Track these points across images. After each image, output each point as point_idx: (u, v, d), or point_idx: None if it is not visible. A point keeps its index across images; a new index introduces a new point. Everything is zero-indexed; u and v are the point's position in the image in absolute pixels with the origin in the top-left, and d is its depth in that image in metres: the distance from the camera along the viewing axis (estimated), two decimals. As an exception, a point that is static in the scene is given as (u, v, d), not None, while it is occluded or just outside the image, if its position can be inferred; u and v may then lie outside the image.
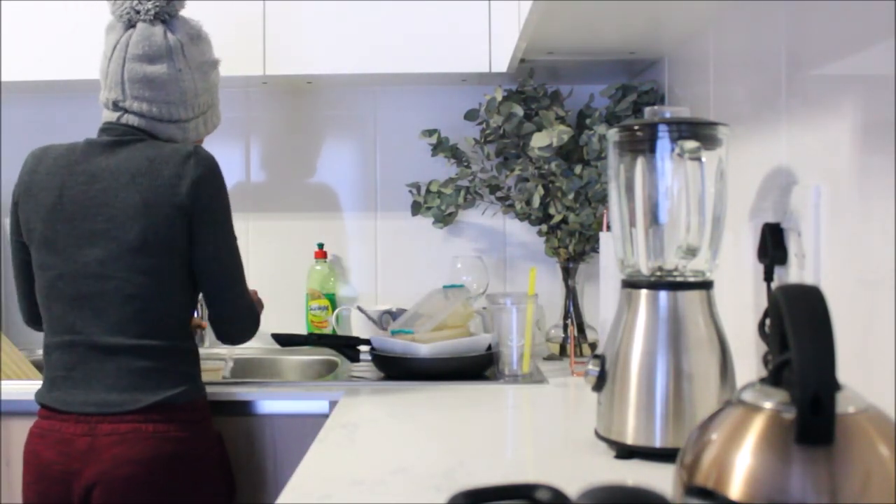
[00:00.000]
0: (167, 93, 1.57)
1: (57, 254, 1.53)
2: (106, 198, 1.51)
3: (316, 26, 2.02)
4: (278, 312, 2.24)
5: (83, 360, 1.50)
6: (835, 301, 0.72)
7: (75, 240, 1.51)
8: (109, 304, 1.50)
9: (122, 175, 1.51)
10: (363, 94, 2.31)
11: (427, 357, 1.76)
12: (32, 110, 2.30)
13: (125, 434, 1.45)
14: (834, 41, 1.07)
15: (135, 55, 1.56)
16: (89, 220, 1.51)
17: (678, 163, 1.12)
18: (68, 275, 1.52)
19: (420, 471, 1.13)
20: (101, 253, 1.50)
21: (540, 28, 1.62)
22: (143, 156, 1.52)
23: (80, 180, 1.53)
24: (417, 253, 2.31)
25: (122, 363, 1.49)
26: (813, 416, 0.63)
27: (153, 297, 1.51)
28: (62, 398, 1.50)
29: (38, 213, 1.55)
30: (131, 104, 1.57)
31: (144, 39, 1.56)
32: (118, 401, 1.47)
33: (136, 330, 1.50)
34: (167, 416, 1.48)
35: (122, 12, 1.58)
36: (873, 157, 0.98)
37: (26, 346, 2.15)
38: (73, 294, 1.51)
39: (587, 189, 1.95)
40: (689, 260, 1.14)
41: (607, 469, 1.10)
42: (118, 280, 1.49)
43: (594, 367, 1.16)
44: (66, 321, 1.52)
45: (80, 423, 1.47)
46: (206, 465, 1.54)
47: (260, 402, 1.70)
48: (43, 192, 1.55)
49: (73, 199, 1.52)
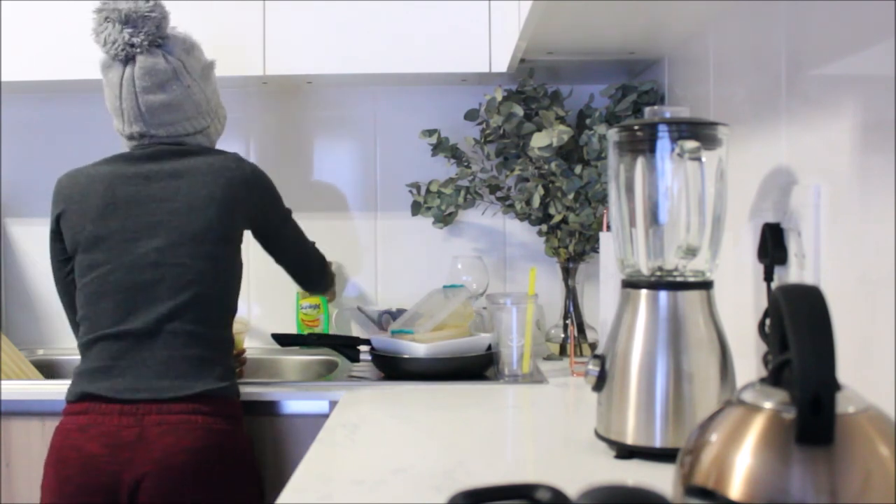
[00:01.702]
0: (185, 110, 1.66)
1: (110, 250, 1.58)
2: (165, 194, 1.59)
3: (316, 26, 2.02)
4: (280, 313, 2.25)
5: (132, 349, 1.53)
6: (835, 301, 0.72)
7: (132, 233, 1.58)
8: (167, 291, 1.55)
9: (182, 174, 1.61)
10: (363, 94, 2.31)
11: (427, 357, 1.76)
12: (32, 110, 2.30)
13: (175, 424, 1.48)
14: (834, 41, 1.07)
15: (144, 87, 1.62)
16: (147, 214, 1.58)
17: (678, 163, 1.12)
18: (123, 267, 1.56)
19: (420, 471, 1.13)
20: (160, 242, 1.56)
21: (540, 28, 1.62)
22: (201, 161, 1.63)
23: (132, 182, 1.61)
24: (417, 253, 2.31)
25: (175, 350, 1.52)
26: (813, 416, 0.63)
27: (210, 283, 1.58)
28: (108, 386, 1.51)
29: (86, 215, 1.60)
30: (157, 131, 1.65)
31: (149, 70, 1.61)
32: (168, 387, 1.50)
33: (191, 315, 1.55)
34: (213, 408, 1.51)
35: (116, 51, 1.61)
36: (873, 157, 0.98)
37: (26, 346, 2.15)
38: (127, 285, 1.56)
39: (587, 189, 1.95)
40: (689, 260, 1.14)
41: (607, 469, 1.10)
42: (178, 267, 1.56)
43: (594, 367, 1.16)
44: (115, 314, 1.55)
45: (124, 416, 1.48)
46: (248, 458, 1.58)
47: (260, 402, 1.70)
48: (90, 196, 1.61)
49: (127, 198, 1.60)
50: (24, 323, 2.29)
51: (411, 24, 2.01)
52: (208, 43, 1.79)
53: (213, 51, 1.81)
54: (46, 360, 2.13)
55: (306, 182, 2.33)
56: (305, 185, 2.33)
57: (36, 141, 2.30)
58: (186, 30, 1.72)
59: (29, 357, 2.01)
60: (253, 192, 1.66)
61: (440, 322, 1.82)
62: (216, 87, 1.76)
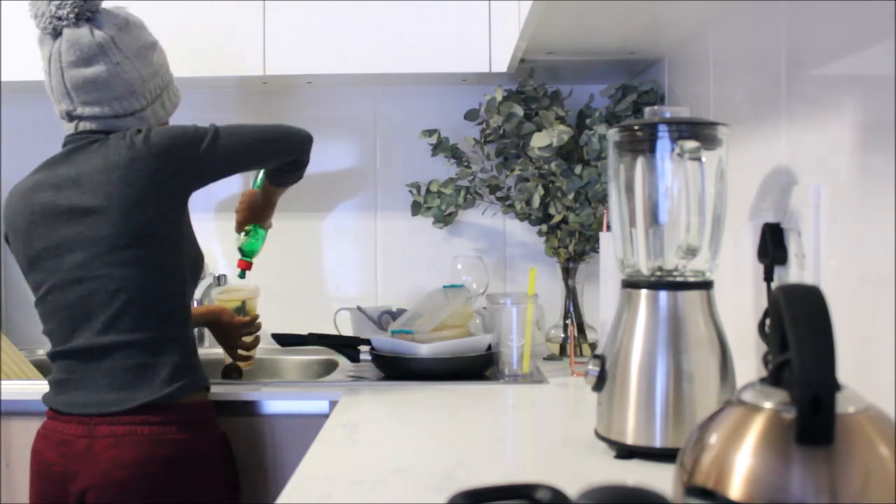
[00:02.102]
0: (113, 89, 1.55)
1: (42, 270, 1.53)
2: (72, 203, 1.50)
3: (316, 26, 2.02)
4: (280, 313, 2.24)
5: (82, 364, 1.51)
6: (835, 301, 0.72)
7: (54, 250, 1.52)
8: (98, 305, 1.49)
9: (82, 179, 1.50)
10: (363, 94, 2.31)
11: (427, 357, 1.76)
12: (32, 110, 2.30)
13: (122, 436, 1.45)
14: (834, 41, 1.07)
15: (70, 62, 1.53)
16: (63, 228, 1.51)
17: (678, 163, 1.12)
18: (56, 286, 1.52)
19: (420, 471, 1.13)
20: (80, 257, 1.50)
21: (540, 28, 1.62)
22: (98, 156, 1.51)
23: (46, 194, 1.53)
24: (417, 253, 2.31)
25: (117, 361, 1.48)
26: (813, 416, 0.63)
27: (138, 287, 1.49)
28: (64, 400, 1.51)
29: (17, 236, 1.56)
30: (83, 110, 1.55)
31: (74, 44, 1.53)
32: (114, 400, 1.47)
33: (126, 324, 1.49)
34: (165, 416, 1.47)
35: (45, 24, 1.55)
36: (873, 157, 0.98)
37: (26, 346, 2.15)
38: (63, 304, 1.52)
39: (587, 189, 1.95)
40: (689, 260, 1.14)
41: (607, 469, 1.10)
42: (101, 278, 1.49)
43: (594, 367, 1.16)
44: (61, 333, 1.53)
45: (80, 425, 1.47)
46: (206, 467, 1.53)
47: (260, 402, 1.70)
48: (18, 215, 1.56)
49: (44, 213, 1.53)
50: (24, 323, 2.29)
51: (411, 24, 2.01)
52: (208, 43, 1.79)
53: (213, 51, 1.80)
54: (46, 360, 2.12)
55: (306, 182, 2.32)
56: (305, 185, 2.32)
57: (36, 141, 2.30)
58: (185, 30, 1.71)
59: (29, 357, 2.01)
60: (156, 165, 1.49)
61: (440, 322, 1.82)
62: (162, 70, 1.63)
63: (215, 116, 1.87)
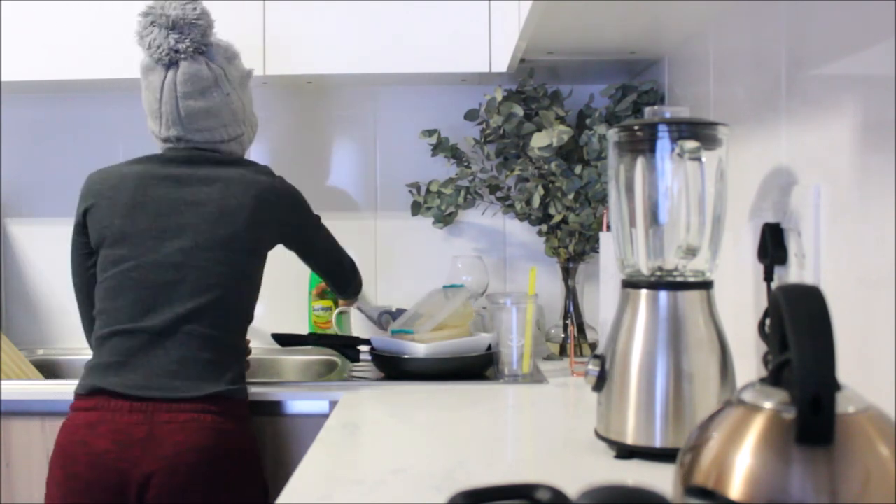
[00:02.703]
0: (222, 118, 1.68)
1: (135, 246, 1.59)
2: (196, 198, 1.61)
3: (316, 26, 2.02)
4: (280, 313, 2.25)
5: (146, 346, 1.53)
6: (835, 301, 0.72)
7: (158, 232, 1.59)
8: (188, 292, 1.55)
9: (215, 181, 1.62)
10: (363, 94, 2.31)
11: (427, 357, 1.76)
12: (32, 110, 2.30)
13: (184, 423, 1.48)
14: (834, 41, 1.07)
15: (186, 93, 1.64)
16: (176, 216, 1.60)
17: (678, 163, 1.12)
18: (146, 265, 1.57)
19: (420, 471, 1.13)
20: (185, 244, 1.58)
21: (540, 28, 1.62)
22: (233, 169, 1.65)
23: (164, 183, 1.63)
24: (417, 253, 2.31)
25: (190, 351, 1.53)
26: (813, 416, 0.63)
27: (230, 289, 1.59)
28: (118, 382, 1.51)
29: (115, 210, 1.62)
30: (194, 136, 1.67)
31: (192, 76, 1.64)
32: (181, 386, 1.50)
33: (209, 319, 1.56)
34: (222, 408, 1.52)
35: (160, 55, 1.64)
36: (873, 157, 0.98)
37: (26, 346, 2.15)
38: (149, 283, 1.57)
39: (587, 189, 1.95)
40: (689, 260, 1.14)
41: (607, 469, 1.10)
42: (200, 269, 1.57)
43: (594, 367, 1.16)
44: (133, 310, 1.56)
45: (134, 413, 1.48)
46: (255, 458, 1.58)
47: (260, 401, 1.70)
48: (121, 192, 1.63)
49: (157, 198, 1.61)
50: (24, 323, 2.29)
51: (411, 25, 2.01)
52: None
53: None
54: (46, 360, 2.13)
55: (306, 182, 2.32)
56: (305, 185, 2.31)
57: (36, 141, 2.30)
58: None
59: (29, 357, 2.01)
60: (282, 205, 1.68)
61: (440, 322, 1.82)
62: (251, 96, 1.79)
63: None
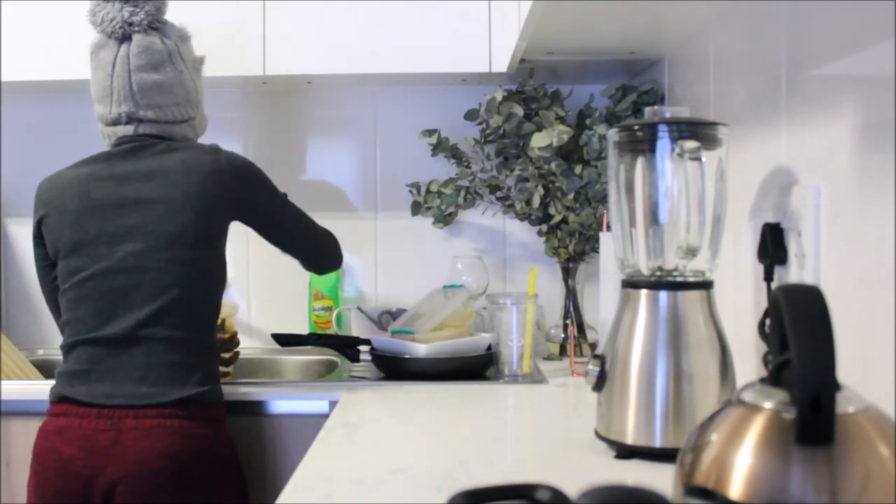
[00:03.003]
0: (175, 95, 1.64)
1: (88, 255, 1.56)
2: (140, 196, 1.56)
3: (316, 26, 2.02)
4: (280, 313, 2.25)
5: (111, 355, 1.51)
6: (835, 301, 0.72)
7: (109, 237, 1.55)
8: (145, 296, 1.52)
9: (155, 175, 1.57)
10: (363, 94, 2.31)
11: (427, 357, 1.76)
12: (32, 110, 2.30)
13: (150, 429, 1.46)
14: (834, 41, 1.07)
15: (139, 65, 1.61)
16: (123, 217, 1.55)
17: (678, 163, 1.12)
18: (101, 272, 1.54)
19: (420, 471, 1.13)
20: (137, 246, 1.54)
21: (540, 28, 1.62)
22: (174, 157, 1.59)
23: (107, 184, 1.58)
24: (417, 253, 2.31)
25: (153, 356, 1.50)
26: (813, 416, 0.63)
27: (190, 287, 1.54)
28: (85, 391, 1.50)
29: (65, 219, 1.58)
30: (145, 113, 1.62)
31: (145, 49, 1.61)
32: (146, 393, 1.48)
33: (171, 320, 1.52)
34: (190, 412, 1.49)
35: (113, 28, 1.61)
36: (873, 157, 0.98)
37: (26, 346, 2.15)
38: (106, 291, 1.54)
39: (587, 189, 1.95)
40: (689, 260, 1.14)
41: (607, 469, 1.10)
42: (155, 271, 1.53)
43: (594, 367, 1.16)
44: (95, 320, 1.53)
45: (102, 419, 1.47)
46: (226, 464, 1.56)
47: (260, 402, 1.70)
48: (68, 200, 1.59)
49: (102, 201, 1.57)
50: (24, 323, 2.29)
51: (411, 24, 2.01)
52: (208, 43, 1.79)
53: (213, 51, 1.80)
54: (46, 360, 2.12)
55: (306, 182, 2.33)
56: (305, 185, 2.33)
57: (36, 141, 2.30)
58: (186, 29, 1.73)
59: (29, 357, 2.01)
60: (232, 183, 1.59)
61: (440, 322, 1.82)
62: (202, 84, 1.74)
63: (215, 116, 1.88)
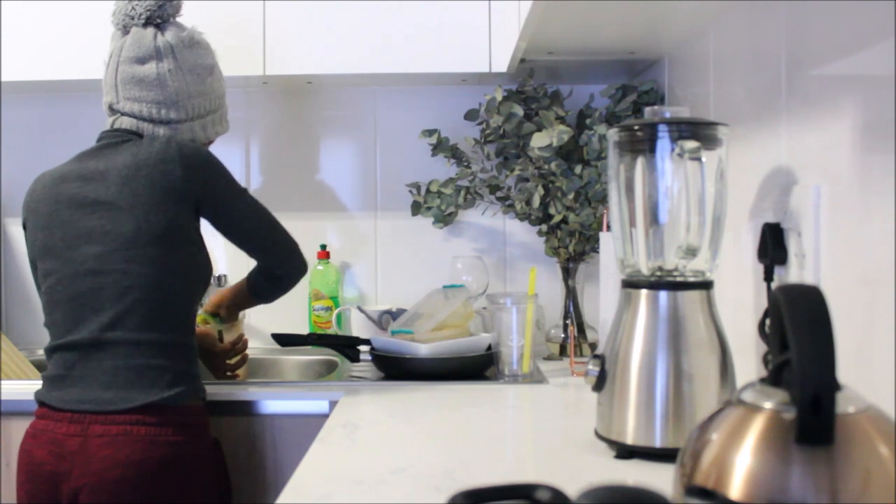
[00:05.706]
0: (157, 93, 1.61)
1: (56, 259, 1.55)
2: (97, 196, 1.53)
3: (316, 26, 2.02)
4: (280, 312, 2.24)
5: (82, 359, 1.49)
6: (835, 301, 0.72)
7: (72, 240, 1.53)
8: (108, 299, 1.49)
9: (110, 173, 1.53)
10: (363, 94, 2.31)
11: (427, 357, 1.76)
12: (32, 110, 2.30)
13: (116, 436, 1.44)
14: (834, 41, 1.07)
15: (126, 58, 1.62)
16: (84, 219, 1.53)
17: (678, 163, 1.12)
18: (66, 277, 1.53)
19: (420, 471, 1.13)
20: (97, 249, 1.51)
21: (540, 28, 1.62)
22: (128, 153, 1.55)
23: (74, 185, 1.56)
24: (417, 253, 2.31)
25: (119, 360, 1.48)
26: (813, 416, 0.63)
27: (151, 287, 1.50)
28: (59, 396, 1.49)
29: (38, 223, 1.59)
30: (123, 105, 1.61)
31: (135, 42, 1.62)
32: (112, 399, 1.45)
33: (134, 323, 1.48)
34: (161, 418, 1.46)
35: (118, 20, 1.64)
36: (873, 157, 0.98)
37: (26, 346, 2.15)
38: (72, 295, 1.52)
39: (587, 189, 1.95)
40: (689, 260, 1.14)
41: (607, 469, 1.10)
42: (115, 273, 1.50)
43: (594, 367, 1.16)
44: (66, 325, 1.52)
45: (73, 424, 1.46)
46: (199, 471, 1.52)
47: (260, 402, 1.70)
48: (42, 203, 1.59)
49: (68, 202, 1.56)
50: (24, 323, 2.29)
51: (411, 24, 2.01)
52: (208, 43, 1.79)
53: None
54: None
55: (306, 182, 2.33)
56: (305, 185, 2.33)
57: (36, 141, 2.30)
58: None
59: (29, 357, 2.01)
60: (181, 172, 1.52)
61: (440, 322, 1.82)
62: (213, 95, 1.69)
63: (215, 116, 1.87)
